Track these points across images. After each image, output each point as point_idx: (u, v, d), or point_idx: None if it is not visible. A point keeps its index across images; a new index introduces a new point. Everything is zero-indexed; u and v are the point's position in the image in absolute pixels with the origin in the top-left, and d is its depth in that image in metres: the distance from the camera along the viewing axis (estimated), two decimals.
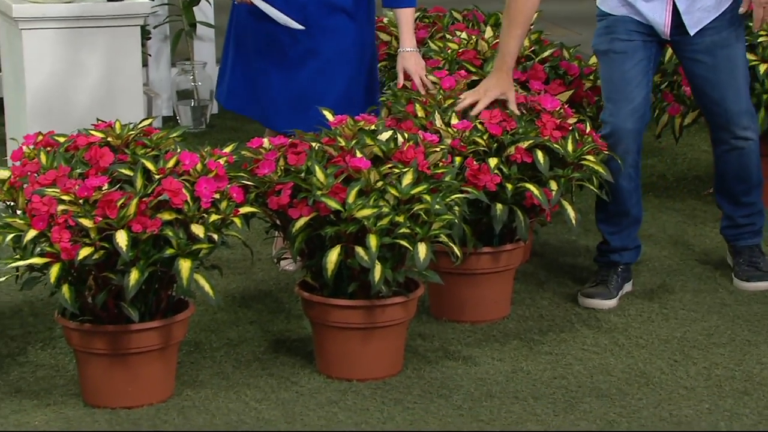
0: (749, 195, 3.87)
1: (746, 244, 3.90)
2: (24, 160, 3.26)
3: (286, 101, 3.83)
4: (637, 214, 3.83)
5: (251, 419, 3.14)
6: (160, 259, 3.08)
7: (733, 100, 3.71)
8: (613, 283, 3.79)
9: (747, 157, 3.80)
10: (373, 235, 3.22)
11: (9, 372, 3.38)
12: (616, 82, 3.68)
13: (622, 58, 3.68)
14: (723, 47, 3.69)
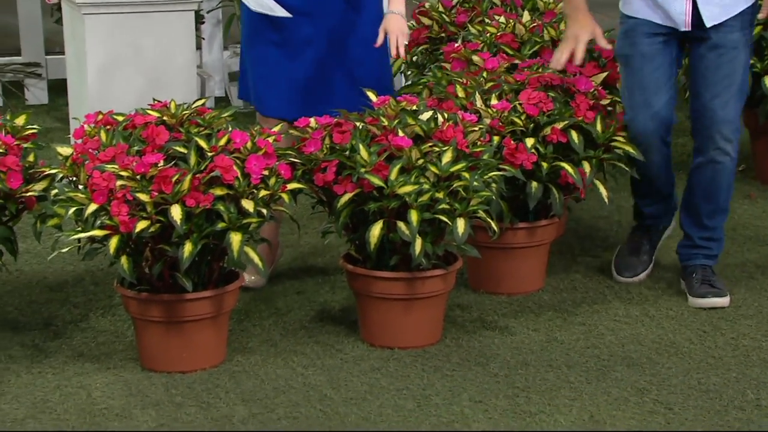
0: (712, 218, 3.61)
1: (699, 263, 3.63)
2: (85, 138, 3.29)
3: (295, 90, 3.64)
4: (669, 189, 3.72)
5: (298, 384, 3.16)
6: (212, 233, 3.11)
7: (721, 105, 3.45)
8: (650, 249, 3.74)
9: (720, 174, 3.53)
10: (414, 211, 3.23)
11: (72, 337, 3.42)
12: (634, 89, 3.51)
13: (640, 64, 3.47)
14: (731, 49, 3.44)
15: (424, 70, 4.17)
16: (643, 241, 3.79)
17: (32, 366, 3.24)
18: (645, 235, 3.80)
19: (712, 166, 3.55)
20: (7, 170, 3.22)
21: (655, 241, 3.82)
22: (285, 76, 3.65)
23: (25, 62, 5.82)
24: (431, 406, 3.06)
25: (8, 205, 3.25)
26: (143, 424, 2.94)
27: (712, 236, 3.65)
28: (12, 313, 3.57)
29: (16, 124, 3.37)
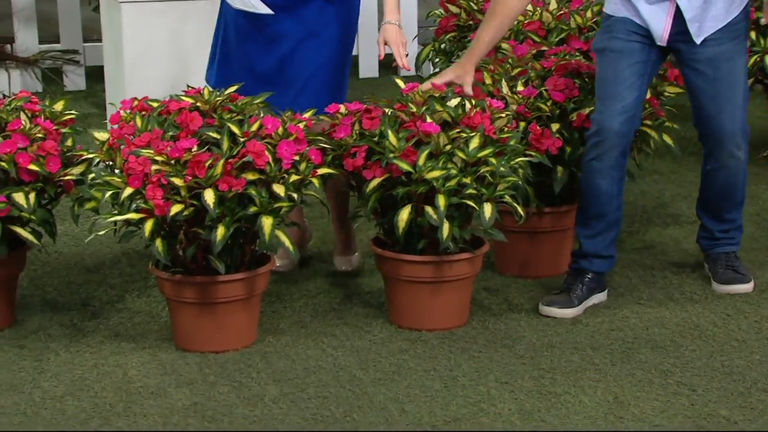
0: (731, 212, 3.56)
1: (723, 250, 3.58)
2: (121, 124, 3.30)
3: (263, 83, 3.52)
4: (615, 219, 3.44)
5: (328, 365, 3.17)
6: (244, 216, 3.11)
7: (729, 117, 3.38)
8: (577, 292, 3.41)
9: (735, 175, 3.48)
10: (441, 196, 3.22)
11: (109, 317, 3.44)
12: (609, 80, 3.34)
13: (617, 57, 3.34)
14: (726, 60, 3.34)
15: (451, 58, 4.15)
16: (576, 283, 3.44)
17: (71, 345, 3.26)
18: (579, 278, 3.45)
19: (725, 170, 3.49)
20: (46, 154, 3.24)
21: (594, 288, 3.46)
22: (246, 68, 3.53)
23: (63, 49, 5.85)
24: (458, 386, 3.06)
25: (47, 189, 3.27)
26: (178, 402, 2.96)
27: (732, 227, 3.61)
28: (51, 293, 3.60)
29: (54, 110, 3.39)
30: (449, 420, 2.89)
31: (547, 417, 2.91)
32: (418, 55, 4.39)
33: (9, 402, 2.94)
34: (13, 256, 3.31)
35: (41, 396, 2.98)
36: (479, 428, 2.86)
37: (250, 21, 3.52)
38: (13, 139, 3.22)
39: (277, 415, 2.91)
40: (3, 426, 2.83)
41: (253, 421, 2.88)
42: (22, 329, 3.35)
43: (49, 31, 5.96)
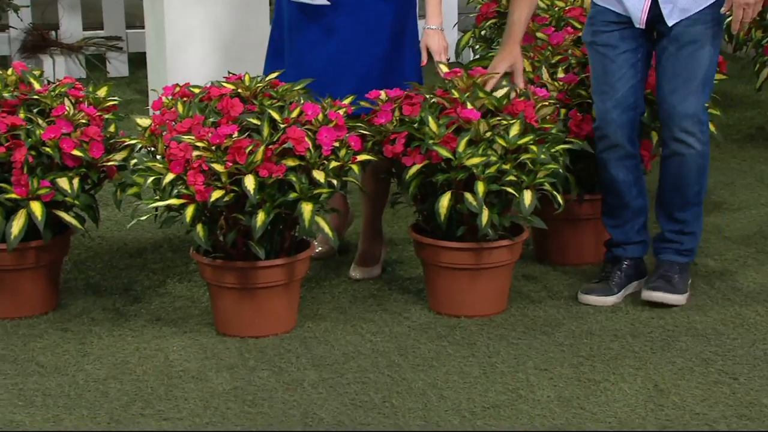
0: (683, 211, 3.38)
1: (667, 258, 3.40)
2: (163, 110, 3.31)
3: (313, 76, 3.43)
4: (638, 206, 3.40)
5: (366, 350, 3.17)
6: (284, 202, 3.12)
7: (680, 99, 3.25)
8: (615, 279, 3.39)
9: (685, 167, 3.31)
10: (481, 182, 3.20)
11: (151, 302, 3.46)
12: (598, 74, 3.32)
13: (603, 51, 3.31)
14: (692, 42, 3.24)
15: (492, 44, 4.13)
16: (614, 271, 3.42)
17: (113, 329, 3.29)
18: (616, 266, 3.43)
19: (677, 158, 3.33)
20: (89, 140, 3.26)
21: (632, 274, 3.44)
22: (296, 63, 3.48)
23: (107, 36, 5.88)
24: (497, 373, 3.04)
25: (90, 174, 3.29)
26: (218, 387, 2.97)
27: (683, 230, 3.42)
28: (94, 277, 3.63)
29: (98, 96, 3.41)
30: (488, 406, 2.88)
31: (586, 404, 2.89)
32: (458, 42, 4.37)
33: (53, 384, 2.97)
34: (57, 241, 3.34)
35: (84, 378, 3.01)
36: (517, 415, 2.85)
37: (304, 13, 3.45)
38: (57, 125, 3.24)
39: (316, 400, 2.91)
40: (48, 408, 2.86)
41: (292, 406, 2.89)
42: (66, 313, 3.38)
43: (93, 18, 6.00)
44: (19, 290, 3.31)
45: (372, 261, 3.63)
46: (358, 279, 3.59)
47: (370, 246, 3.63)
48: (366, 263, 3.62)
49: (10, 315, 3.32)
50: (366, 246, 3.63)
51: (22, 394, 2.92)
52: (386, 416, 2.85)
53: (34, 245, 3.28)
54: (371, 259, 3.63)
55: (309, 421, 2.82)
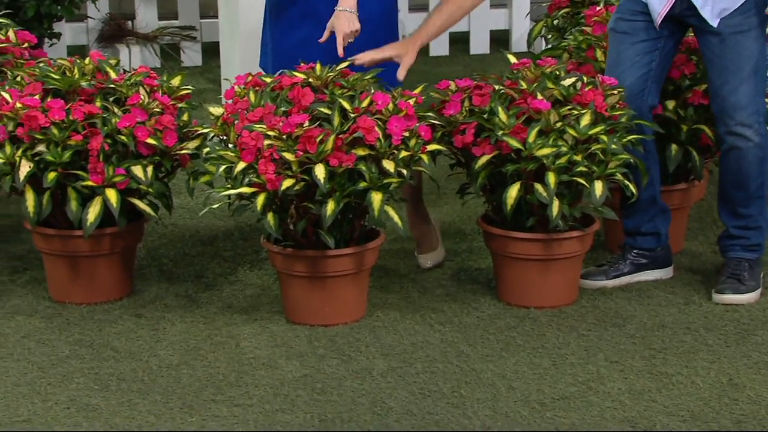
0: (747, 206, 3.30)
1: (735, 256, 3.33)
2: (235, 99, 3.32)
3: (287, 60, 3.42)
4: (648, 197, 3.36)
5: (435, 340, 3.15)
6: (354, 192, 3.11)
7: (731, 91, 3.19)
8: (618, 266, 3.39)
9: (745, 160, 3.24)
10: (551, 173, 3.16)
11: (222, 289, 3.48)
12: (612, 62, 3.31)
13: (620, 38, 3.29)
14: (734, 33, 3.18)
15: (564, 34, 4.07)
16: (620, 258, 3.41)
17: (185, 315, 3.31)
18: (624, 252, 3.42)
19: (735, 152, 3.26)
20: (163, 129, 3.29)
21: (642, 265, 3.41)
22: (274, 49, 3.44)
23: (181, 26, 5.93)
24: (566, 365, 3.01)
25: (164, 162, 3.32)
26: (288, 374, 2.98)
27: (748, 225, 3.34)
28: (167, 264, 3.66)
29: (172, 85, 3.44)
30: (557, 398, 2.85)
31: (658, 397, 2.84)
32: (530, 32, 4.32)
33: (127, 369, 3.01)
34: (132, 228, 3.38)
35: (158, 364, 3.03)
36: (587, 407, 2.81)
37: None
38: (132, 114, 3.27)
39: (384, 389, 2.90)
40: (122, 392, 2.89)
41: (361, 394, 2.88)
42: (140, 299, 3.41)
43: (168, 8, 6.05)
44: (94, 276, 3.35)
45: (433, 244, 3.61)
46: (430, 266, 3.57)
47: (423, 231, 3.61)
48: (429, 248, 3.60)
49: (86, 300, 3.36)
50: (419, 232, 3.61)
51: (98, 378, 2.96)
52: (455, 406, 2.83)
53: (109, 232, 3.32)
54: (431, 242, 3.61)
55: (377, 410, 2.81)
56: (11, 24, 3.69)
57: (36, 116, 3.20)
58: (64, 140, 3.21)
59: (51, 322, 3.25)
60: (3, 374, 2.96)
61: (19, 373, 2.97)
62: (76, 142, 3.22)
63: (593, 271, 3.44)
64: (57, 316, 3.28)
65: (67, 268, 3.33)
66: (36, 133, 3.21)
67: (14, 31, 3.66)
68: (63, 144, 3.21)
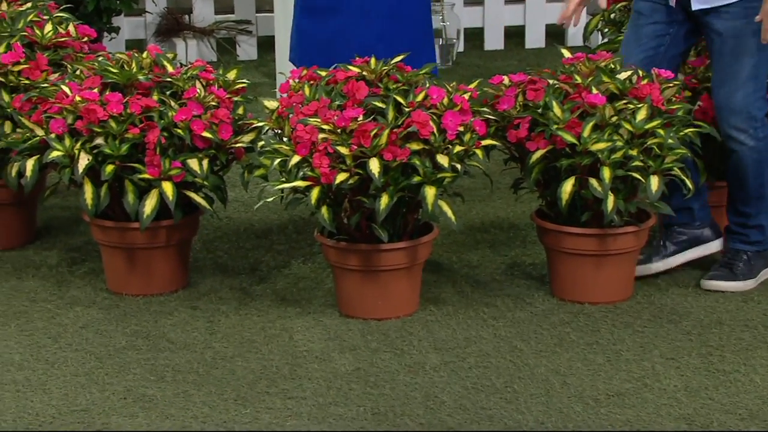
0: (746, 205, 3.31)
1: (734, 246, 3.34)
2: (290, 93, 3.33)
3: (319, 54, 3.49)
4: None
5: (488, 335, 3.13)
6: (407, 186, 3.10)
7: (726, 95, 3.20)
8: (660, 247, 3.38)
9: (741, 162, 3.24)
10: (606, 168, 3.12)
11: (276, 282, 3.49)
12: (626, 39, 3.35)
13: (636, 18, 3.32)
14: (733, 37, 3.18)
15: (621, 28, 4.02)
16: (661, 238, 3.41)
17: (240, 308, 3.33)
18: (664, 232, 3.41)
19: (731, 154, 3.25)
20: (219, 122, 3.30)
21: (681, 244, 3.40)
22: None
23: (237, 20, 5.95)
24: (621, 361, 2.97)
25: (219, 156, 3.33)
26: (341, 368, 2.98)
27: (747, 223, 3.32)
28: (222, 257, 3.68)
29: (227, 79, 3.45)
30: (612, 394, 2.82)
31: (715, 395, 2.80)
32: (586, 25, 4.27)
33: (183, 360, 3.03)
34: (187, 221, 3.40)
35: (212, 356, 3.05)
36: (643, 404, 2.77)
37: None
38: (188, 107, 3.29)
39: (437, 383, 2.89)
40: (177, 383, 2.91)
41: (414, 388, 2.87)
42: (195, 291, 3.43)
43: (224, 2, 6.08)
44: (150, 268, 3.38)
45: None
46: None
47: None
48: None
49: (142, 292, 3.39)
50: None
51: (154, 369, 2.98)
52: (508, 401, 2.81)
53: (165, 224, 3.34)
54: None
55: (430, 404, 2.80)
56: (71, 18, 3.72)
57: (95, 109, 3.23)
58: (121, 133, 3.24)
59: (108, 313, 3.28)
60: (62, 364, 2.99)
61: (77, 363, 3.00)
62: (133, 135, 3.24)
63: (641, 258, 3.37)
64: (114, 308, 3.32)
65: (124, 259, 3.36)
66: (94, 126, 3.24)
67: (74, 25, 3.70)
68: (121, 137, 3.23)
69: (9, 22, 3.64)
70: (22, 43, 3.56)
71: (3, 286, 3.43)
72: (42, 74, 3.50)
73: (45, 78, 3.48)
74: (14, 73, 3.49)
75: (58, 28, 3.64)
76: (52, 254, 3.66)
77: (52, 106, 3.29)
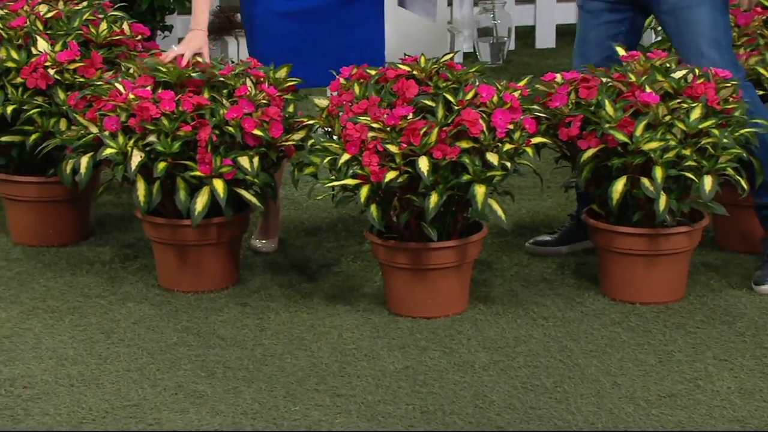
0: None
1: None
2: (340, 91, 3.33)
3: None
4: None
5: (538, 335, 3.11)
6: (457, 184, 3.09)
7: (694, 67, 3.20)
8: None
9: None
10: (659, 167, 3.09)
11: (325, 280, 3.50)
12: (578, 39, 3.41)
13: (587, 18, 3.38)
14: (684, 8, 3.20)
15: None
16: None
17: (289, 305, 3.34)
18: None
19: None
20: (269, 120, 3.31)
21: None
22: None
23: None
24: (673, 362, 2.94)
25: (270, 153, 3.35)
26: (390, 366, 2.98)
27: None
28: (271, 255, 3.69)
29: (278, 77, 3.46)
30: (663, 396, 2.79)
31: None
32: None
33: (233, 357, 3.04)
34: (238, 218, 3.41)
35: (262, 353, 3.06)
36: (695, 405, 2.74)
37: None
38: (239, 105, 3.31)
39: (486, 382, 2.88)
40: (227, 379, 2.93)
41: (463, 386, 2.87)
42: (245, 288, 3.45)
43: None
44: (201, 265, 3.40)
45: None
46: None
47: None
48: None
49: (193, 289, 3.41)
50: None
51: (205, 365, 3.00)
52: (558, 401, 2.79)
53: (216, 222, 3.36)
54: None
55: (479, 403, 2.79)
56: (126, 17, 3.76)
57: (147, 107, 3.26)
58: (173, 131, 3.26)
59: (160, 309, 3.31)
60: (115, 359, 3.02)
61: (129, 358, 3.03)
62: (185, 132, 3.27)
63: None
64: (166, 304, 3.34)
65: (175, 256, 3.39)
66: (147, 124, 3.27)
67: (128, 23, 3.74)
68: (173, 134, 3.26)
69: (65, 20, 3.68)
70: (78, 42, 3.60)
71: (58, 282, 3.48)
72: (96, 72, 3.54)
73: (99, 76, 3.52)
74: (70, 71, 3.54)
75: (112, 26, 3.68)
76: (106, 250, 3.70)
77: (106, 104, 3.33)
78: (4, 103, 3.54)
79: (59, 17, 3.69)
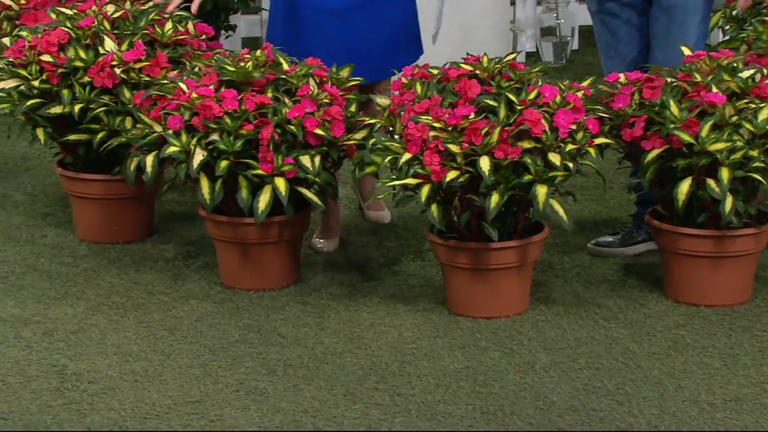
0: None
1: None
2: (402, 90, 3.34)
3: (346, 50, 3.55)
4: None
5: (600, 336, 3.09)
6: (518, 184, 3.07)
7: (670, 54, 3.34)
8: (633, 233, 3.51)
9: None
10: (725, 168, 3.05)
11: (385, 279, 3.51)
12: (606, 41, 3.48)
13: (608, 19, 3.45)
14: (684, 12, 3.33)
15: (744, 25, 3.91)
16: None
17: (349, 304, 3.35)
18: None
19: None
20: (331, 119, 3.33)
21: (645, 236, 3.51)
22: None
23: None
24: (739, 365, 2.90)
25: (331, 152, 3.36)
26: (450, 365, 2.98)
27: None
28: (332, 253, 3.71)
29: (341, 76, 3.47)
30: (729, 399, 2.75)
31: None
32: None
33: (293, 355, 3.06)
34: (299, 217, 3.44)
35: (323, 351, 3.08)
36: (761, 410, 2.70)
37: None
38: (302, 104, 3.33)
39: (547, 384, 2.86)
40: (288, 377, 2.95)
41: (523, 388, 2.85)
42: (306, 287, 3.47)
43: None
44: (263, 263, 3.43)
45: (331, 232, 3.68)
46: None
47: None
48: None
49: (254, 287, 3.44)
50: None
51: (266, 363, 3.02)
52: (620, 403, 2.76)
53: (277, 220, 3.38)
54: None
55: (540, 404, 2.77)
56: (190, 16, 3.81)
57: (210, 106, 3.30)
58: (236, 129, 3.29)
59: (222, 306, 3.35)
60: (177, 356, 3.06)
61: (192, 355, 3.07)
62: (247, 131, 3.29)
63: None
64: (227, 301, 3.38)
65: (237, 254, 3.42)
66: (210, 123, 3.30)
67: (193, 23, 3.78)
68: (235, 133, 3.29)
69: (132, 20, 3.74)
70: (144, 41, 3.65)
71: (122, 279, 3.53)
72: (161, 71, 3.58)
73: (164, 75, 3.56)
74: (135, 70, 3.59)
75: (177, 26, 3.73)
76: (169, 248, 3.74)
77: (170, 103, 3.37)
78: (72, 102, 3.60)
79: (126, 17, 3.74)
